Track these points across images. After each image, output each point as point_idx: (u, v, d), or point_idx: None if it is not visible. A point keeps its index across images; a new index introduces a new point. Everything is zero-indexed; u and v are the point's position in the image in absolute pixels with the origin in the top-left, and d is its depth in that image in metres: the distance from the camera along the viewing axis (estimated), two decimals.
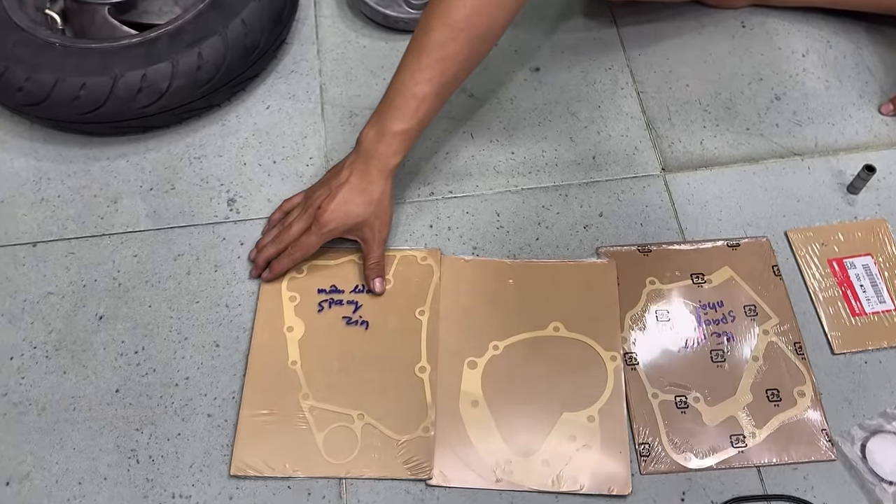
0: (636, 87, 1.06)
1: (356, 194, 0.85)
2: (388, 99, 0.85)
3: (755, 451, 0.81)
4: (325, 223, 0.85)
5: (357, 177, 0.85)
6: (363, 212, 0.86)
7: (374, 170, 0.85)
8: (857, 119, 1.03)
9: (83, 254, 0.93)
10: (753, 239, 0.93)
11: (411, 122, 0.84)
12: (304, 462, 0.80)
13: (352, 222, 0.86)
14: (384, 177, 0.86)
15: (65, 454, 0.81)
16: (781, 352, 0.86)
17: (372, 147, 0.85)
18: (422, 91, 0.83)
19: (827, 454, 0.80)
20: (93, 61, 0.94)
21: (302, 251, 0.87)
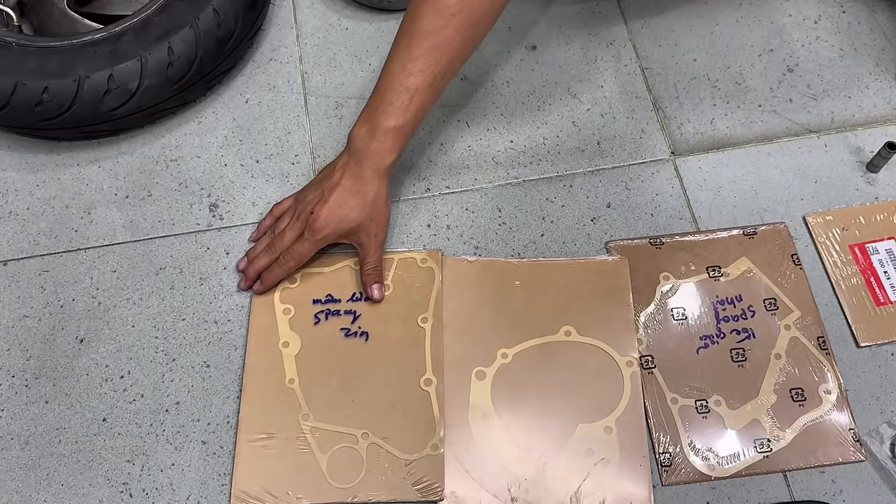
0: (640, 64, 1.00)
1: (350, 197, 0.80)
2: (379, 93, 0.79)
3: (781, 455, 0.77)
4: (319, 229, 0.80)
5: (350, 178, 0.80)
6: (358, 215, 0.80)
7: (368, 170, 0.80)
8: (874, 90, 0.97)
9: (58, 271, 0.87)
10: (771, 226, 0.88)
11: (405, 118, 0.78)
12: (308, 488, 0.76)
13: (347, 227, 0.80)
14: (379, 176, 0.80)
15: (52, 491, 0.76)
16: (804, 348, 0.81)
17: (364, 146, 0.79)
18: (414, 83, 0.77)
19: (855, 455, 0.77)
20: (54, 62, 0.86)
21: (295, 260, 0.82)
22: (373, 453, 0.77)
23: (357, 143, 0.80)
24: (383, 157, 0.79)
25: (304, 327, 0.83)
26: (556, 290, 0.84)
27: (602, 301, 0.84)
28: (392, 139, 0.79)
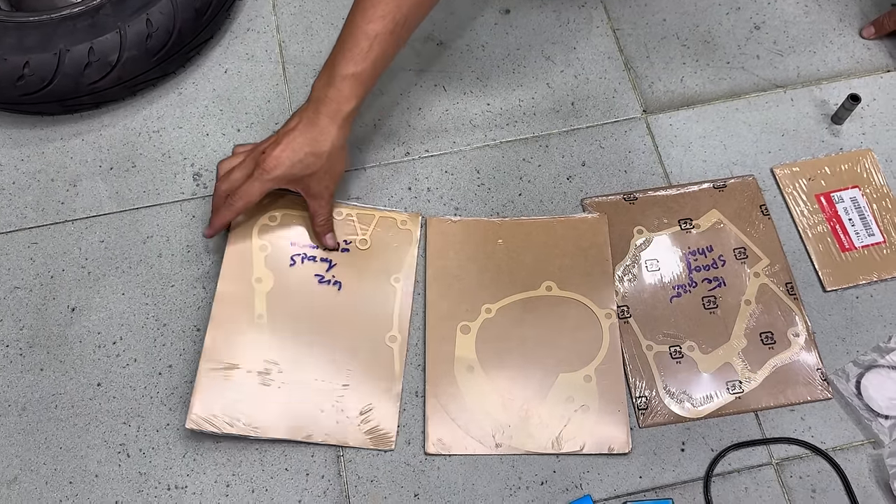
0: (611, 25, 1.02)
1: (304, 142, 0.78)
2: (340, 41, 0.79)
3: (752, 395, 0.80)
4: (270, 169, 0.78)
5: (305, 124, 0.78)
6: (312, 162, 0.79)
7: (325, 117, 0.78)
8: (838, 45, 1.00)
9: (47, 243, 0.89)
10: (740, 178, 0.91)
11: (363, 65, 0.77)
12: (264, 421, 0.78)
13: (298, 171, 0.79)
14: (336, 125, 0.78)
15: (51, 454, 0.79)
16: (773, 293, 0.85)
17: (322, 93, 0.78)
18: (374, 29, 0.77)
19: (823, 393, 0.80)
20: (34, 37, 0.87)
21: (244, 200, 0.80)
22: (331, 398, 0.79)
23: (315, 91, 0.79)
24: (340, 105, 0.78)
25: (278, 266, 0.85)
26: (537, 247, 0.87)
27: (582, 257, 0.86)
28: (349, 86, 0.78)
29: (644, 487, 0.77)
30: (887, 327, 0.83)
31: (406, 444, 0.79)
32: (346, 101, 0.78)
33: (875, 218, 0.88)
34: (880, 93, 0.96)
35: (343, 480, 0.77)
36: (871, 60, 0.98)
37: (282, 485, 0.77)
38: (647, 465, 0.78)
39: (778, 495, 0.77)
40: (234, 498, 0.77)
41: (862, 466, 0.78)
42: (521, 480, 0.77)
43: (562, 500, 0.76)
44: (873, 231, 0.88)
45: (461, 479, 0.77)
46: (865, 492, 0.76)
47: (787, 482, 0.77)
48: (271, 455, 0.78)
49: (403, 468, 0.78)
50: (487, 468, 0.78)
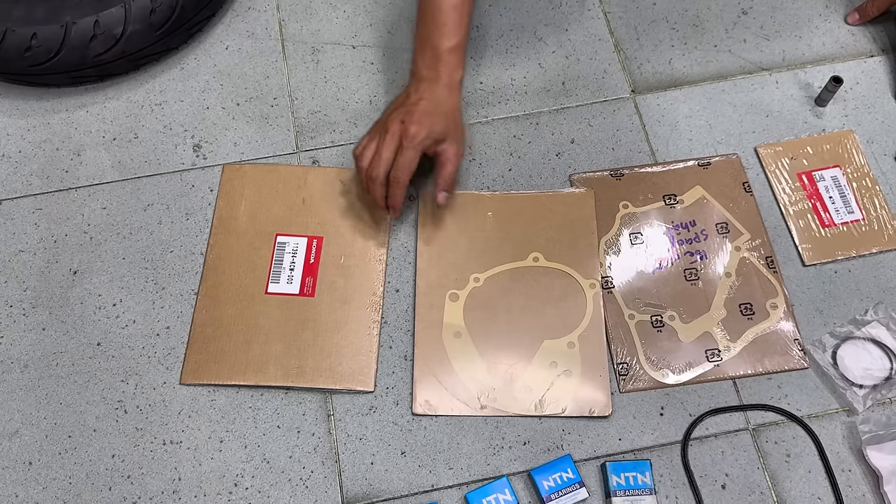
0: (603, 8, 1.04)
1: (433, 110, 0.83)
2: (428, 20, 0.84)
3: (730, 364, 0.83)
4: (415, 134, 0.81)
5: (428, 97, 0.83)
6: (445, 125, 0.83)
7: (442, 88, 0.84)
8: (823, 30, 1.02)
9: (51, 209, 0.92)
10: (724, 157, 0.93)
11: (459, 35, 0.84)
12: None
13: (437, 134, 0.82)
14: (454, 92, 0.85)
15: (52, 409, 0.82)
16: (753, 266, 0.87)
17: (431, 72, 0.84)
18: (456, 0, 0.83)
19: (800, 363, 0.83)
20: (42, 9, 0.90)
21: (405, 171, 0.82)
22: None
23: (423, 72, 0.84)
24: (452, 75, 0.84)
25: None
26: (525, 220, 0.90)
27: (568, 230, 0.89)
28: (455, 58, 0.84)
29: (623, 449, 0.79)
30: (864, 301, 0.86)
31: (394, 405, 0.81)
32: (455, 70, 0.85)
33: (855, 196, 0.91)
34: (863, 76, 0.98)
35: (333, 438, 0.80)
36: (854, 45, 1.01)
37: (273, 441, 0.80)
38: (626, 428, 0.80)
39: (753, 459, 0.79)
40: (228, 453, 0.79)
41: (836, 433, 0.80)
42: (504, 440, 0.80)
43: (543, 460, 0.79)
44: (853, 209, 0.90)
45: (446, 439, 0.80)
46: (839, 457, 0.79)
47: (763, 447, 0.79)
48: (264, 413, 0.81)
49: (391, 427, 0.80)
50: (472, 428, 0.80)
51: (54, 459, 0.79)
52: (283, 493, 0.78)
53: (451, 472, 0.78)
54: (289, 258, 0.87)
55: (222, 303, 0.85)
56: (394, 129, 0.82)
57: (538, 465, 0.78)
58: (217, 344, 0.83)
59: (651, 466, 0.77)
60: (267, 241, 0.89)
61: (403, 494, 0.78)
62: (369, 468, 0.79)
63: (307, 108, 0.97)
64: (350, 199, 0.91)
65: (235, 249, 0.88)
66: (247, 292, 0.86)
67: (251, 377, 0.82)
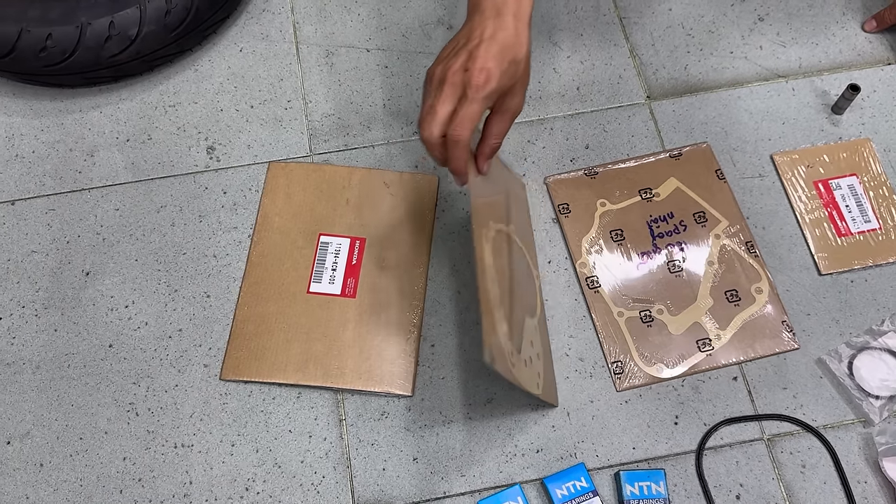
0: (618, 14, 1.04)
1: (501, 48, 0.66)
2: None
3: (722, 352, 0.83)
4: (483, 84, 0.64)
5: (494, 29, 0.66)
6: (514, 71, 0.67)
7: (511, 17, 0.67)
8: (840, 38, 1.01)
9: (63, 210, 0.91)
10: (695, 146, 0.94)
11: None
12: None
13: (505, 82, 0.67)
14: (524, 26, 0.67)
15: (63, 411, 0.81)
16: (735, 253, 0.87)
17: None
18: None
19: (790, 344, 0.83)
20: (58, 9, 0.90)
21: (466, 127, 0.66)
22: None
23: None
24: (521, 4, 0.68)
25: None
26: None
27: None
28: None
29: (637, 458, 0.79)
30: (880, 311, 0.85)
31: (406, 411, 0.81)
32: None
33: (871, 205, 0.90)
34: (881, 84, 0.98)
35: (345, 443, 0.80)
36: (872, 53, 1.00)
37: (285, 445, 0.79)
38: (640, 437, 0.80)
39: (768, 470, 0.78)
40: (239, 457, 0.79)
41: (851, 444, 0.79)
42: (517, 448, 0.79)
43: (556, 468, 0.78)
44: (869, 217, 0.89)
45: (459, 445, 0.79)
46: (854, 468, 0.78)
47: (778, 457, 0.79)
48: (275, 417, 0.81)
49: (403, 433, 0.80)
50: (484, 435, 0.80)
51: (65, 461, 0.79)
52: (294, 497, 0.77)
53: (463, 480, 0.78)
54: (331, 258, 0.87)
55: (264, 300, 0.85)
56: (454, 78, 0.65)
57: (551, 474, 0.77)
58: (258, 341, 0.84)
59: (665, 476, 0.77)
60: (310, 240, 0.89)
61: (415, 501, 0.77)
62: (381, 474, 0.78)
63: (321, 111, 0.97)
64: (394, 201, 0.91)
65: (279, 247, 0.88)
66: (289, 290, 0.86)
67: (291, 376, 0.82)
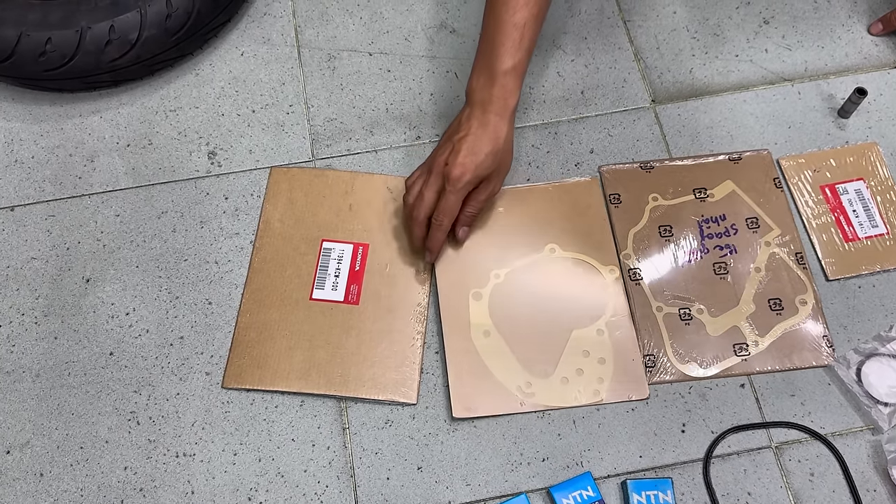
0: (622, 17, 1.03)
1: (481, 144, 0.79)
2: (488, 38, 0.80)
3: (758, 359, 0.82)
4: (458, 178, 0.78)
5: (477, 126, 0.79)
6: (492, 161, 0.80)
7: (493, 115, 0.79)
8: (846, 41, 1.01)
9: (63, 216, 0.91)
10: (755, 152, 0.93)
11: (518, 56, 0.79)
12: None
13: (483, 172, 0.79)
14: (506, 121, 0.80)
15: (63, 419, 0.80)
16: (783, 262, 0.86)
17: (486, 94, 0.80)
18: (521, 18, 0.78)
19: (828, 359, 0.82)
20: (57, 14, 0.89)
21: (447, 216, 0.80)
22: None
23: (478, 94, 0.80)
24: (506, 101, 0.80)
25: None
26: (536, 212, 0.90)
27: (580, 218, 0.89)
28: (512, 81, 0.79)
29: (644, 467, 0.78)
30: (888, 317, 0.84)
31: (411, 419, 0.80)
32: (511, 95, 0.80)
33: (879, 210, 0.89)
34: (887, 88, 0.97)
35: (348, 452, 0.79)
36: (878, 56, 0.99)
37: (288, 454, 0.79)
38: (647, 445, 0.79)
39: (776, 478, 0.77)
40: (241, 466, 0.78)
41: (860, 452, 0.78)
42: (523, 456, 0.78)
43: (562, 477, 0.77)
44: (877, 222, 0.89)
45: (464, 454, 0.78)
46: (863, 476, 0.77)
47: (786, 465, 0.78)
48: (278, 426, 0.80)
49: (407, 441, 0.79)
50: (490, 444, 0.79)
51: (65, 471, 0.78)
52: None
53: (468, 489, 0.77)
54: (334, 264, 0.86)
55: (266, 306, 0.84)
56: (437, 169, 0.79)
57: (557, 483, 0.76)
58: (260, 348, 0.83)
59: (672, 485, 0.76)
60: (312, 246, 0.88)
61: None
62: (385, 483, 0.78)
63: (323, 115, 0.96)
64: (397, 206, 0.90)
65: (281, 253, 0.87)
66: (291, 297, 0.85)
67: (294, 384, 0.81)
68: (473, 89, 0.81)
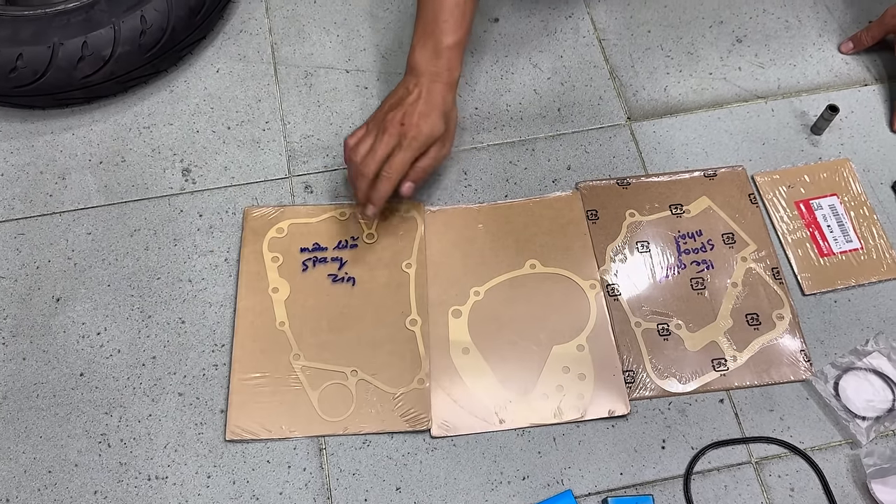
0: (598, 36, 1.04)
1: (432, 109, 0.83)
2: (430, 16, 0.84)
3: (736, 373, 0.82)
4: (416, 136, 0.81)
5: (427, 93, 0.83)
6: (442, 125, 0.83)
7: (441, 85, 0.84)
8: (817, 59, 1.02)
9: (33, 234, 0.89)
10: (730, 168, 0.93)
11: (461, 31, 0.84)
12: (301, 422, 0.79)
13: (437, 133, 0.83)
14: (452, 91, 0.85)
15: (31, 443, 0.78)
16: (760, 277, 0.87)
17: (431, 66, 0.84)
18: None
19: (806, 373, 0.82)
20: (28, 30, 0.88)
21: (398, 170, 0.82)
22: (362, 389, 0.81)
23: (422, 65, 0.84)
24: (451, 73, 0.85)
25: (292, 274, 0.86)
26: (517, 228, 0.90)
27: (560, 233, 0.89)
28: (456, 54, 0.85)
29: (625, 484, 0.77)
30: (864, 331, 0.85)
31: (389, 439, 0.79)
32: (455, 68, 0.85)
33: (853, 225, 0.90)
34: (858, 105, 0.98)
35: (325, 473, 0.77)
36: (849, 74, 1.01)
37: (263, 477, 0.77)
38: (627, 463, 0.78)
39: (757, 494, 0.77)
40: (215, 489, 0.76)
41: (840, 466, 0.78)
42: (503, 475, 0.77)
43: (543, 495, 0.76)
44: (851, 238, 0.89)
45: (443, 474, 0.77)
46: (843, 491, 0.77)
47: (766, 481, 0.78)
48: (253, 447, 0.78)
49: (385, 461, 0.78)
50: (469, 463, 0.78)
51: (33, 496, 0.76)
52: None
53: None
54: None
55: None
56: (392, 129, 0.81)
57: (538, 501, 0.75)
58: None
59: (654, 501, 0.75)
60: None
61: None
62: None
63: (300, 132, 0.96)
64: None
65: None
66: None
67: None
68: (418, 62, 0.85)
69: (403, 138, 0.81)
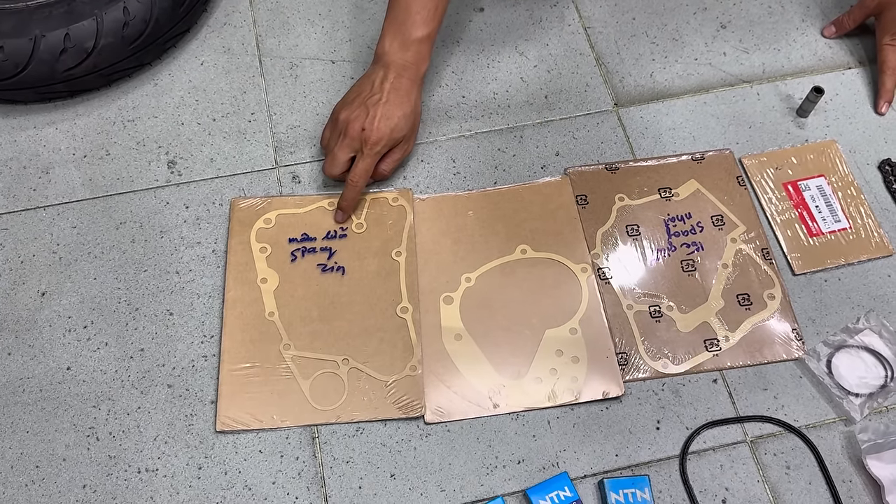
0: (583, 24, 1.04)
1: (396, 109, 0.83)
2: (402, 7, 0.84)
3: (729, 353, 0.82)
4: (376, 143, 0.83)
5: (392, 92, 0.83)
6: (405, 125, 0.84)
7: (407, 81, 0.84)
8: (801, 43, 1.03)
9: (17, 229, 0.87)
10: (717, 151, 0.94)
11: (432, 25, 0.84)
12: (292, 411, 0.78)
13: (398, 135, 0.84)
14: (417, 86, 0.86)
15: (18, 438, 0.77)
16: (750, 258, 0.87)
17: (399, 58, 0.84)
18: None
19: (798, 352, 0.82)
20: (10, 22, 0.87)
21: (362, 176, 0.84)
22: (353, 377, 0.80)
23: (392, 56, 0.84)
24: (419, 67, 0.85)
25: (281, 264, 0.86)
26: (507, 214, 0.89)
27: (551, 218, 0.89)
28: (425, 48, 0.85)
29: (620, 465, 0.77)
30: (855, 309, 0.85)
31: (382, 426, 0.78)
32: (423, 61, 0.86)
33: (840, 205, 0.90)
34: (842, 88, 0.99)
35: (318, 462, 0.76)
36: (832, 58, 1.02)
37: (255, 467, 0.76)
38: (622, 444, 0.78)
39: (753, 472, 0.77)
40: (207, 481, 0.75)
41: (834, 443, 0.78)
42: (498, 459, 0.77)
43: (539, 478, 0.76)
44: (839, 217, 0.90)
45: (437, 460, 0.77)
46: (838, 467, 0.77)
47: (762, 459, 0.77)
48: (245, 437, 0.77)
49: (379, 448, 0.77)
50: (464, 448, 0.77)
51: (20, 492, 0.74)
52: None
53: (443, 495, 0.75)
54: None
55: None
56: (353, 133, 0.83)
57: (534, 484, 0.75)
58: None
59: (650, 482, 0.75)
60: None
61: None
62: (357, 492, 0.75)
63: (286, 122, 0.95)
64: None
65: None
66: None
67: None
68: (386, 52, 0.85)
69: (365, 144, 0.83)
